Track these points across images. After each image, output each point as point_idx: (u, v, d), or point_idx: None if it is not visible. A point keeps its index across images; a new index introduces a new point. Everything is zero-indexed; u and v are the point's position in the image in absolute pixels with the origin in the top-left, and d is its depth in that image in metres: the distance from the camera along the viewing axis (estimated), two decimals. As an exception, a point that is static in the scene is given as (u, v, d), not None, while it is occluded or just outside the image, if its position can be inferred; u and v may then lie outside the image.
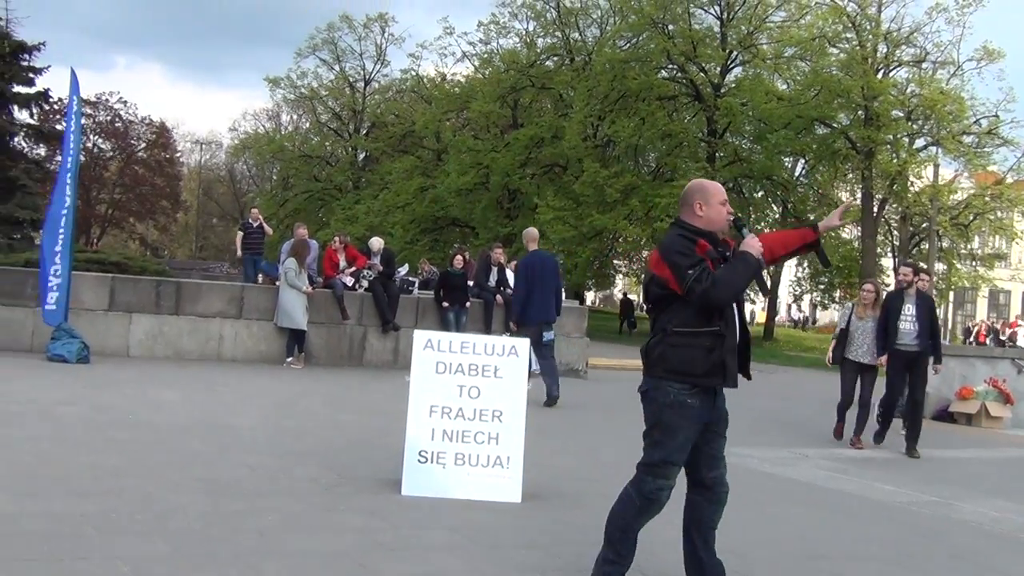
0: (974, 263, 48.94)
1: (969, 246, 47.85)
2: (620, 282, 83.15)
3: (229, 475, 7.67)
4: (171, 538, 5.78)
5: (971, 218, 45.05)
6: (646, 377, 5.26)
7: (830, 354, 13.71)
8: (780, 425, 15.10)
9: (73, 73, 15.45)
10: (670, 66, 46.14)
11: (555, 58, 52.81)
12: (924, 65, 43.26)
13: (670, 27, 44.87)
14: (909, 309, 12.80)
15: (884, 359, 12.87)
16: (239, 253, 23.55)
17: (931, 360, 13.09)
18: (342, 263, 18.44)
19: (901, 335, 12.73)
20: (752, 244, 5.26)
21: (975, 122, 42.84)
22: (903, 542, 7.47)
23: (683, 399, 5.12)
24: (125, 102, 70.30)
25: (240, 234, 23.97)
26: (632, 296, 61.35)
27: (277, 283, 17.41)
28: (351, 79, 63.30)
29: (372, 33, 61.76)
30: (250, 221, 24.07)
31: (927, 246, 43.88)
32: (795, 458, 11.33)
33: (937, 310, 13.25)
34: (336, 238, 19.38)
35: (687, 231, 5.27)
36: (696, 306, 5.08)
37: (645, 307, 5.50)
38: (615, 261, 56.75)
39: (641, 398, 5.29)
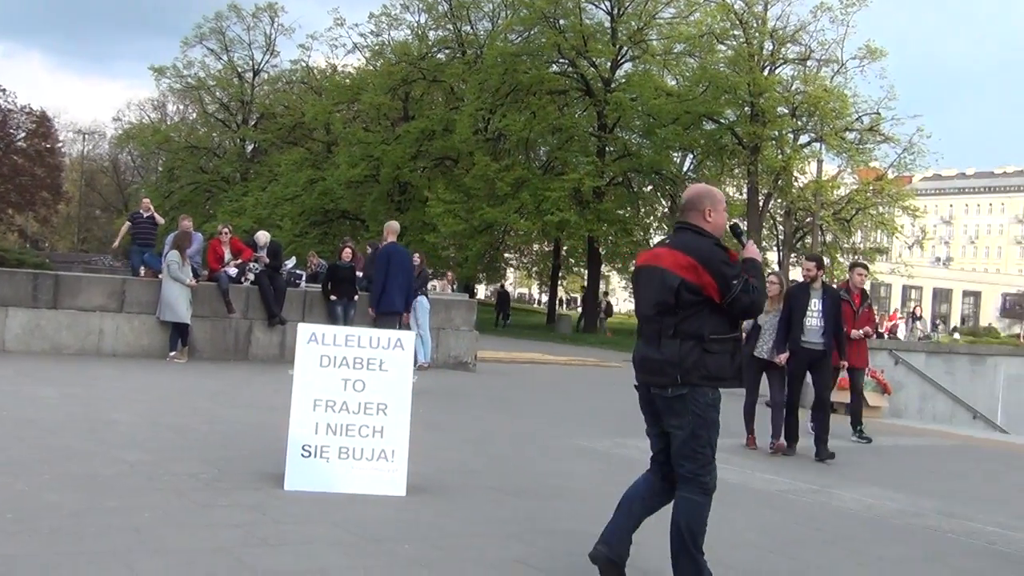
0: (856, 257, 50.12)
1: (851, 240, 49.03)
2: (511, 275, 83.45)
3: (106, 472, 7.49)
4: (43, 537, 5.61)
5: (853, 213, 46.18)
6: (679, 384, 5.33)
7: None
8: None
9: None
10: (561, 60, 46.45)
11: (447, 51, 52.81)
12: (809, 63, 44.22)
13: (561, 22, 45.14)
14: (815, 304, 11.94)
15: (783, 357, 11.91)
16: (116, 243, 22.61)
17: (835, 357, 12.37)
18: (227, 256, 18.14)
19: (807, 332, 11.85)
20: (755, 251, 5.62)
21: (857, 119, 43.94)
22: (781, 529, 7.60)
23: (717, 400, 5.40)
24: (3, 90, 68.30)
25: (127, 224, 22.99)
26: (511, 289, 61.56)
27: (160, 276, 17.07)
28: (239, 69, 62.47)
29: (261, 23, 61.14)
30: (140, 211, 22.92)
31: (811, 240, 44.85)
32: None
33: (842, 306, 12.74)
34: (222, 230, 19.08)
35: (713, 239, 5.46)
36: (732, 314, 5.35)
37: (642, 311, 5.56)
38: (506, 255, 56.95)
39: (671, 403, 5.38)
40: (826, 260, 46.22)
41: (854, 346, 13.79)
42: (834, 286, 13.44)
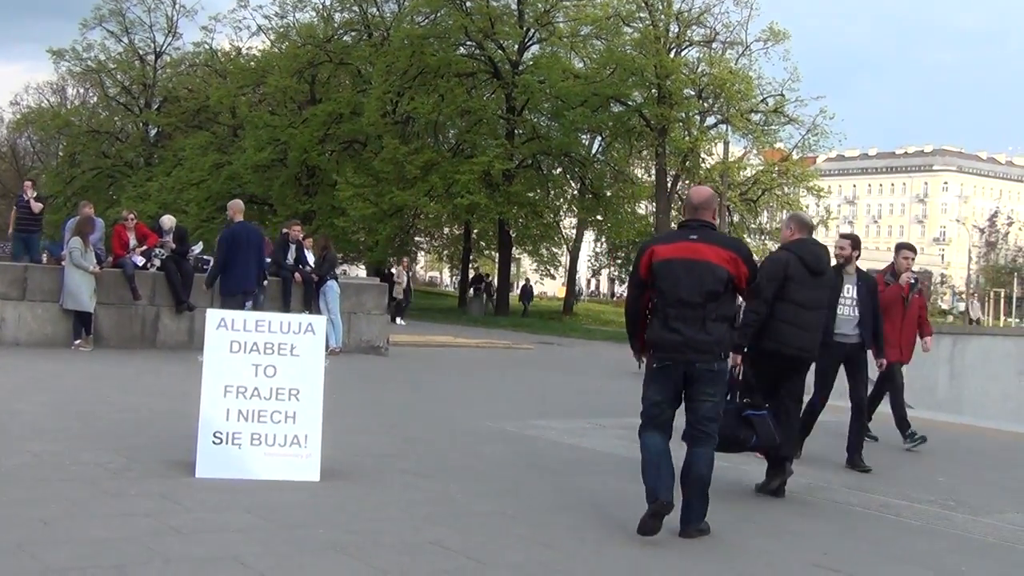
0: (762, 237, 50.84)
1: (758, 220, 49.69)
2: (422, 259, 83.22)
3: (10, 463, 7.33)
4: (-55, 531, 5.49)
5: (759, 194, 46.84)
6: (722, 360, 6.62)
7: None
8: (577, 397, 15.36)
9: None
10: (468, 43, 46.32)
11: (353, 33, 52.38)
12: (714, 45, 44.65)
13: (468, 3, 44.99)
14: (849, 291, 9.93)
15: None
16: (10, 230, 21.68)
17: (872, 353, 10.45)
18: (132, 242, 17.82)
19: (838, 322, 9.85)
20: None
21: (762, 101, 44.52)
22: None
23: None
24: None
25: (14, 209, 21.97)
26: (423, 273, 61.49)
27: (62, 263, 16.71)
28: (141, 52, 61.20)
29: (162, 4, 59.75)
30: (22, 194, 21.98)
31: (718, 221, 45.38)
32: (593, 428, 11.54)
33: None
34: (127, 216, 18.72)
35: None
36: (744, 298, 7.15)
37: (685, 299, 6.48)
38: (416, 238, 56.75)
39: (714, 376, 6.57)
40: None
41: (903, 338, 11.40)
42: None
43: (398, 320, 31.80)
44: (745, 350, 8.06)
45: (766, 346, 8.25)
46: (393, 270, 38.89)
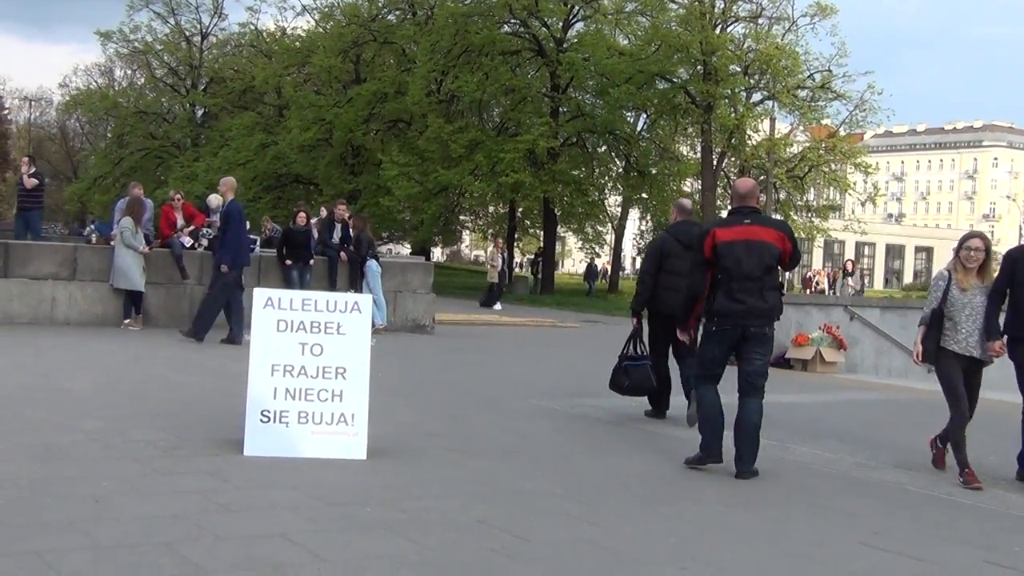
0: (809, 214, 50.46)
1: (804, 198, 49.32)
2: (467, 238, 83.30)
3: (62, 441, 7.41)
4: (0, 508, 5.55)
5: (806, 170, 46.45)
6: (772, 322, 7.96)
7: (918, 346, 8.62)
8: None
9: None
10: (512, 21, 46.08)
11: (397, 12, 52.29)
12: (760, 20, 44.19)
13: (512, -19, 44.78)
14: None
15: (998, 345, 8.39)
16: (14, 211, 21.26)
17: None
18: (180, 222, 17.95)
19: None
20: None
21: (809, 76, 44.03)
22: (740, 484, 7.64)
23: None
24: (-54, 57, 67.15)
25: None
26: (468, 252, 61.42)
27: (112, 243, 16.86)
28: (187, 33, 61.51)
29: (208, -15, 60.08)
30: (22, 173, 21.24)
31: (764, 198, 45.07)
32: (638, 407, 11.49)
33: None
34: (174, 196, 18.87)
35: None
36: (784, 269, 8.44)
37: (748, 273, 7.74)
38: (461, 217, 56.77)
39: (767, 338, 7.94)
40: (779, 218, 46.59)
41: None
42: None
43: (496, 306, 31.19)
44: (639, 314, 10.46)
45: (653, 307, 10.34)
46: (487, 252, 37.90)
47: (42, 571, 4.60)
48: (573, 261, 68.41)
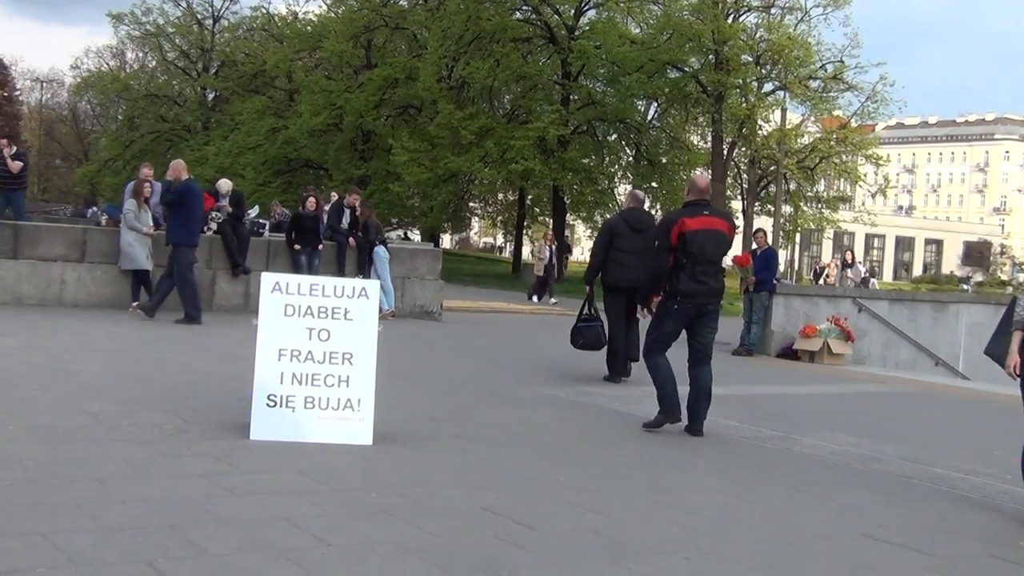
0: (819, 205, 50.37)
1: (815, 189, 49.21)
2: (476, 225, 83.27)
3: (69, 423, 7.43)
4: (7, 489, 5.56)
5: (817, 161, 46.34)
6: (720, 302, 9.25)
7: (1015, 356, 7.06)
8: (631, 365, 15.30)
9: None
10: (524, 8, 46.07)
11: (408, -3, 52.23)
12: (773, 10, 44.11)
13: (524, -32, 44.74)
14: None
15: None
16: None
17: None
18: (190, 205, 17.95)
19: None
20: None
21: (821, 67, 43.91)
22: (745, 475, 7.65)
23: None
24: (-42, 38, 67.21)
25: None
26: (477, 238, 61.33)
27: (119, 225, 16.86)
28: (199, 16, 61.59)
29: (221, -32, 60.12)
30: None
31: (775, 189, 45.00)
32: (646, 395, 11.49)
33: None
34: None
35: None
36: None
37: (711, 258, 8.84)
38: (471, 204, 56.76)
39: (717, 314, 9.18)
40: (789, 209, 46.50)
41: None
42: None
43: (549, 299, 30.20)
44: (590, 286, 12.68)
45: (607, 281, 12.20)
46: (534, 244, 36.70)
47: (48, 552, 4.61)
48: (582, 249, 68.27)
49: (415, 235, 57.04)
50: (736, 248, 13.63)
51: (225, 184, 18.92)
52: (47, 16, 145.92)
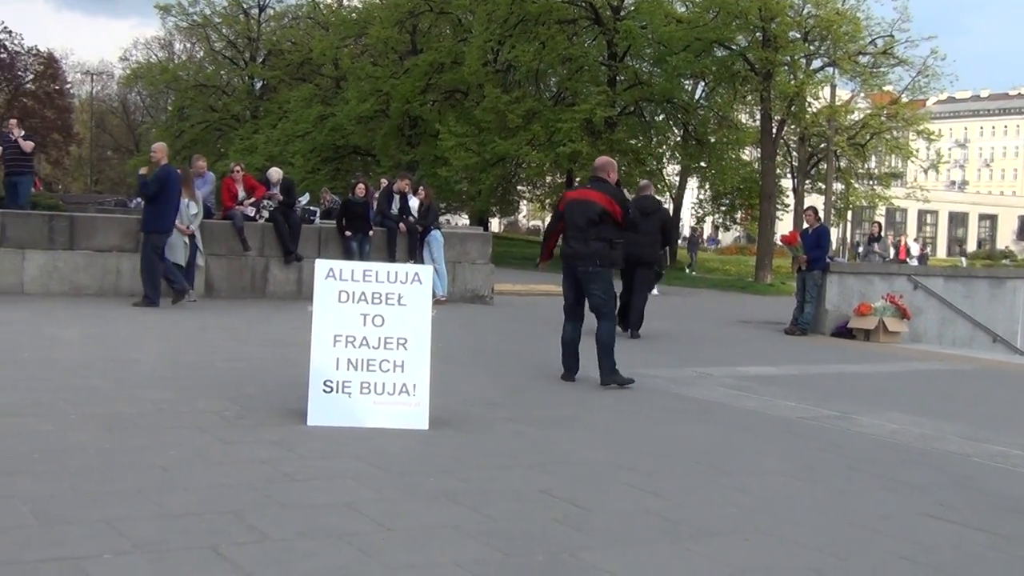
0: (871, 182, 49.80)
1: (866, 165, 48.64)
2: (524, 208, 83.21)
3: (130, 411, 7.53)
4: (71, 476, 5.66)
5: (868, 138, 45.74)
6: (594, 264, 10.05)
7: None
8: (683, 345, 15.28)
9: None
10: (569, -11, 45.80)
11: (453, -18, 52.12)
12: (820, -14, 43.46)
13: (568, -51, 44.46)
14: None
15: None
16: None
17: None
18: (240, 194, 18.11)
19: None
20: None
21: (871, 42, 43.25)
22: (802, 455, 7.61)
23: (610, 275, 10.48)
24: (10, 32, 68.05)
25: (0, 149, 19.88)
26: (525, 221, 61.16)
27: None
28: (245, 6, 61.90)
29: (265, -42, 60.40)
30: (8, 134, 19.89)
31: (825, 166, 44.56)
32: (699, 377, 11.48)
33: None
34: (234, 168, 19.03)
35: (616, 187, 10.44)
36: (624, 228, 10.33)
37: (577, 224, 10.03)
38: (519, 187, 56.70)
39: (593, 277, 10.08)
40: (841, 186, 46.01)
41: None
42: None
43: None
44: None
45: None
46: None
47: (113, 538, 4.68)
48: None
49: (456, 220, 57.01)
50: (786, 227, 14.01)
51: (276, 173, 19.05)
52: (95, 9, 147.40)
